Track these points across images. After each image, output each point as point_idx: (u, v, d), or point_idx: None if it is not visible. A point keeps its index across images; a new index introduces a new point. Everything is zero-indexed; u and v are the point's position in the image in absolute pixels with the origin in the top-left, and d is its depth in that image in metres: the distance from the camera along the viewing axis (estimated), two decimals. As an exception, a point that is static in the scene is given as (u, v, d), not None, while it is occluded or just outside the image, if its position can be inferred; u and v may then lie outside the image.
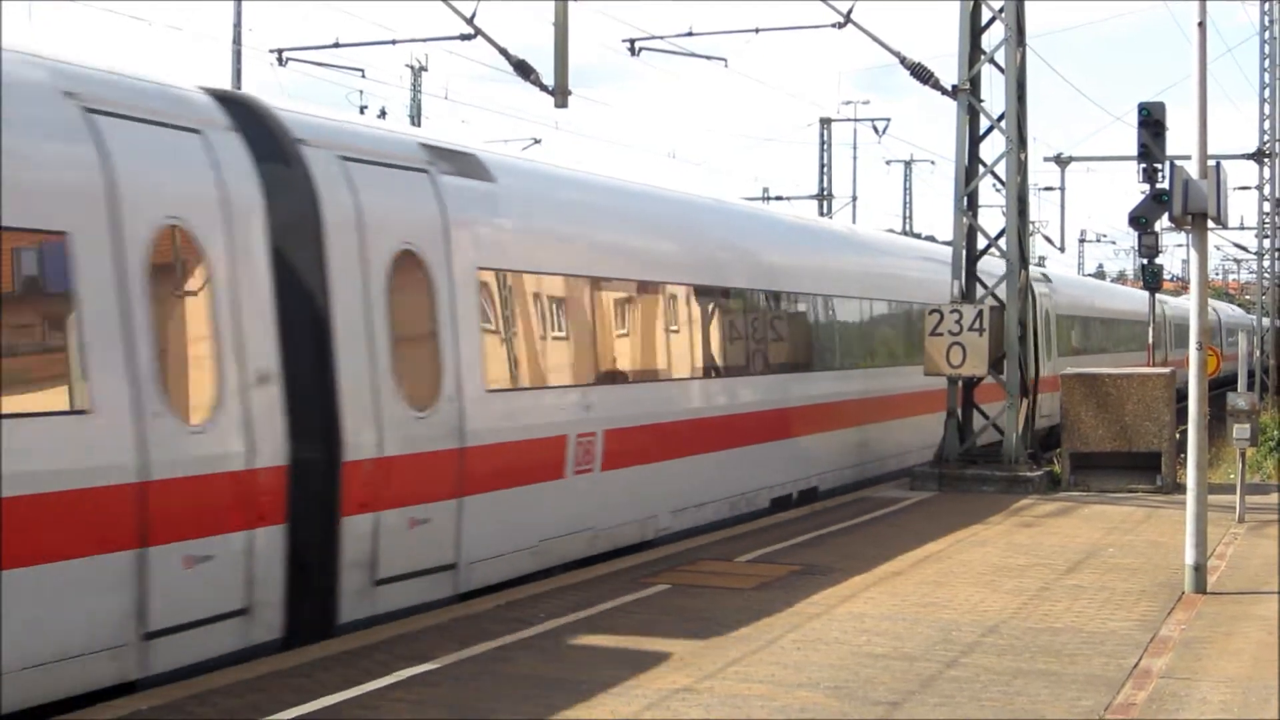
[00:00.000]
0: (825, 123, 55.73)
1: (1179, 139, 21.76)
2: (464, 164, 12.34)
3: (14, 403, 7.80)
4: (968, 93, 20.00)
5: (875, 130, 48.69)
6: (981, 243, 20.58)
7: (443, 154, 12.15)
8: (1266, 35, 44.49)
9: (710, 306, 16.19)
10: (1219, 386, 30.68)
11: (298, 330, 10.00)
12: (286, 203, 10.09)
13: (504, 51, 18.86)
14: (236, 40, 37.13)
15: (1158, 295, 37.60)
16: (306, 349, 10.09)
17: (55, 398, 8.21)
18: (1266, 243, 49.58)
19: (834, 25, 20.26)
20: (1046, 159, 48.61)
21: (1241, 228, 60.10)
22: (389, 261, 10.86)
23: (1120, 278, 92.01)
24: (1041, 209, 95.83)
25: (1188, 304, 33.74)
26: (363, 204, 10.71)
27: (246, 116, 10.17)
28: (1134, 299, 46.62)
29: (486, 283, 12.12)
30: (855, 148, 56.88)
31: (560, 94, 18.95)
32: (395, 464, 10.66)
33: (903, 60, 20.66)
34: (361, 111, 42.60)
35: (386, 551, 10.53)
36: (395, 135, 12.37)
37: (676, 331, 15.34)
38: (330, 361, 10.27)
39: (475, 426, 11.55)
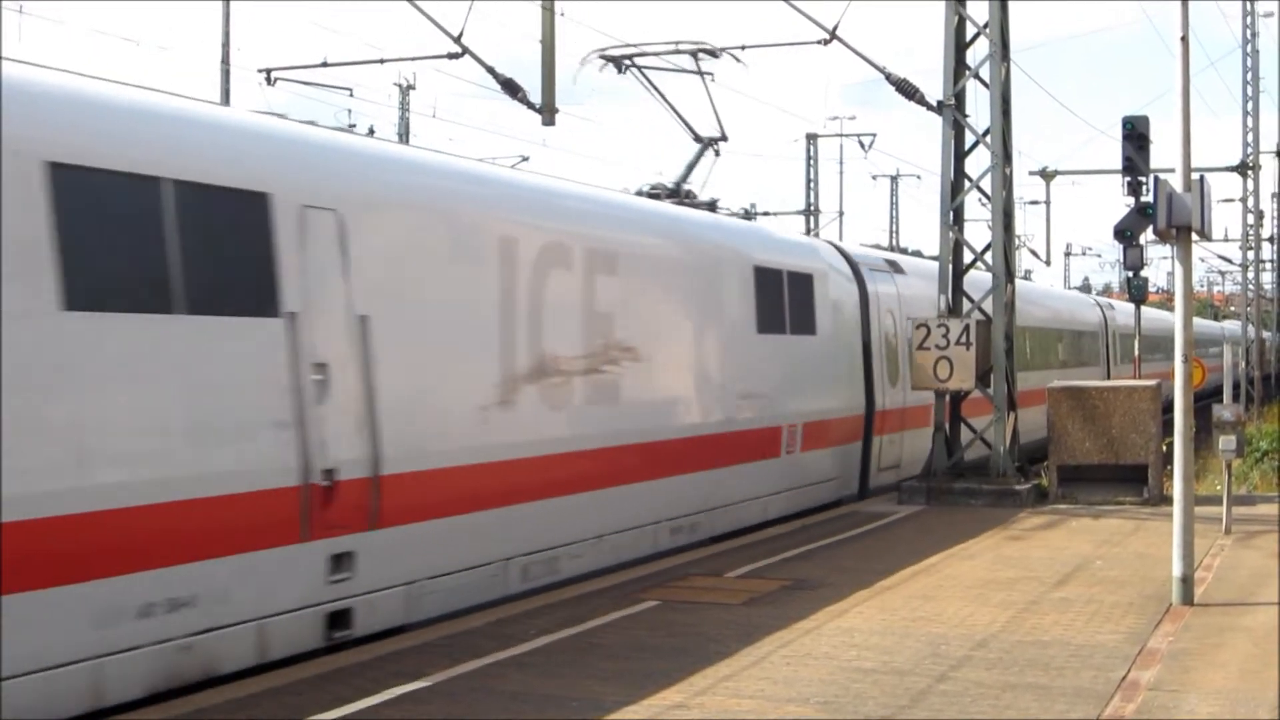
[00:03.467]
0: (812, 138, 55.87)
1: (1163, 152, 21.86)
2: (895, 265, 23.05)
3: None
4: (953, 108, 20.07)
5: (861, 145, 48.81)
6: (968, 257, 20.65)
7: (890, 262, 23.12)
8: (1249, 48, 44.74)
9: None
10: (1204, 398, 30.75)
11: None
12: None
13: (491, 70, 18.91)
14: (225, 60, 37.11)
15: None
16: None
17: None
18: (1250, 255, 49.80)
19: (820, 42, 20.32)
20: (1032, 173, 48.91)
21: (1226, 240, 60.43)
22: (882, 313, 21.20)
23: (1105, 290, 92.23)
24: (1027, 223, 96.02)
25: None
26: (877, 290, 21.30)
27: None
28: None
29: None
30: (842, 163, 57.16)
31: (548, 111, 19.01)
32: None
33: (888, 76, 20.73)
34: (351, 130, 42.44)
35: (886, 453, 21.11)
36: (881, 254, 23.87)
37: None
38: (872, 361, 20.69)
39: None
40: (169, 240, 8.96)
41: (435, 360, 11.39)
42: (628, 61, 18.92)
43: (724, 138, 19.04)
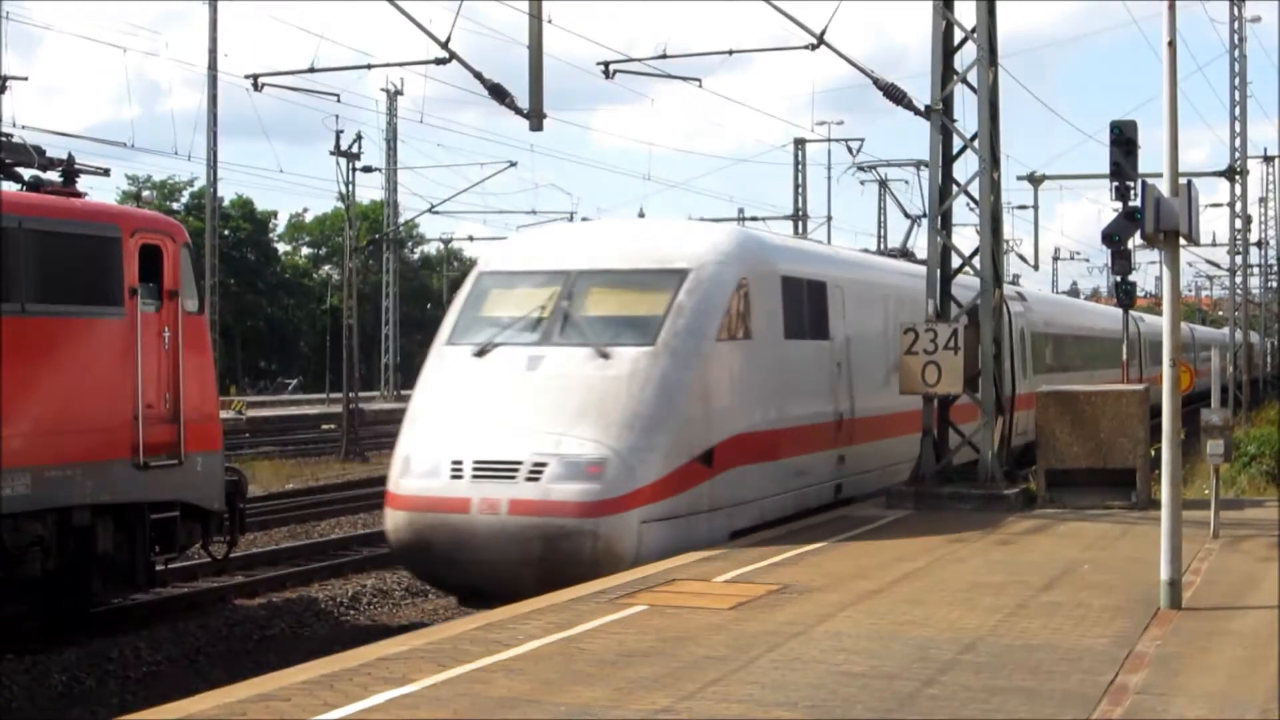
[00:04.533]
0: (800, 143, 55.94)
1: (1151, 156, 21.88)
2: (1021, 296, 31.56)
3: None
4: (940, 113, 20.08)
5: (849, 150, 48.78)
6: (956, 262, 20.66)
7: (1019, 293, 32.27)
8: (1236, 54, 44.87)
9: None
10: (1193, 402, 30.87)
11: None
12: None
13: (479, 75, 18.94)
14: (212, 66, 37.13)
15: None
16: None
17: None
18: (1238, 259, 49.94)
19: (807, 47, 20.36)
20: (1020, 177, 49.05)
21: (1214, 244, 60.68)
22: (1015, 330, 24.46)
23: (1094, 295, 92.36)
24: (1015, 227, 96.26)
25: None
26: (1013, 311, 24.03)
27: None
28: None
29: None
30: (829, 167, 57.07)
31: (535, 117, 19.00)
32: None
33: (875, 81, 20.77)
34: (338, 135, 42.66)
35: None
36: (1012, 288, 28.94)
37: None
38: (1014, 361, 23.49)
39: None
40: (805, 306, 18.44)
41: (863, 358, 20.41)
42: (875, 170, 33.24)
43: (924, 215, 26.44)
